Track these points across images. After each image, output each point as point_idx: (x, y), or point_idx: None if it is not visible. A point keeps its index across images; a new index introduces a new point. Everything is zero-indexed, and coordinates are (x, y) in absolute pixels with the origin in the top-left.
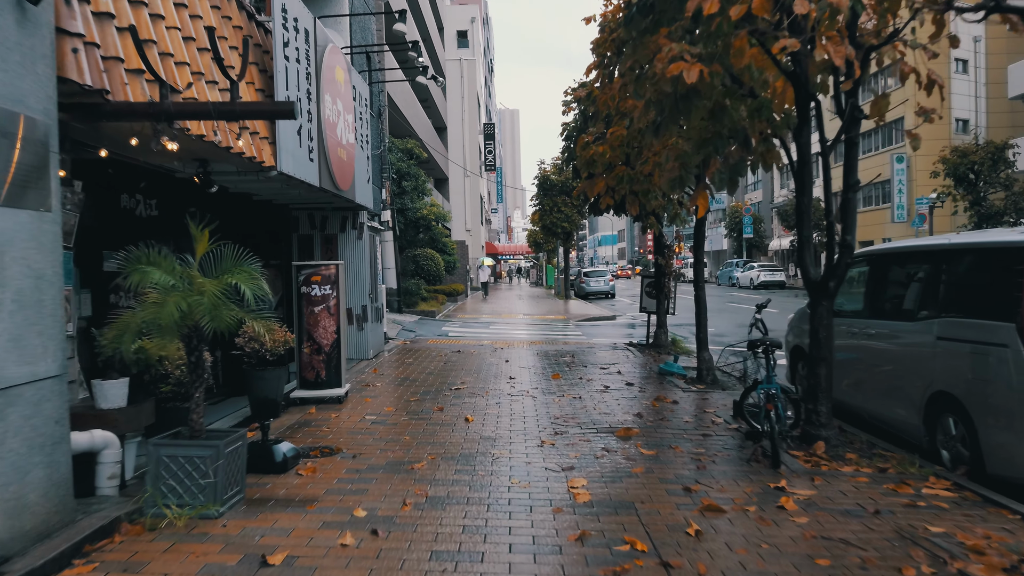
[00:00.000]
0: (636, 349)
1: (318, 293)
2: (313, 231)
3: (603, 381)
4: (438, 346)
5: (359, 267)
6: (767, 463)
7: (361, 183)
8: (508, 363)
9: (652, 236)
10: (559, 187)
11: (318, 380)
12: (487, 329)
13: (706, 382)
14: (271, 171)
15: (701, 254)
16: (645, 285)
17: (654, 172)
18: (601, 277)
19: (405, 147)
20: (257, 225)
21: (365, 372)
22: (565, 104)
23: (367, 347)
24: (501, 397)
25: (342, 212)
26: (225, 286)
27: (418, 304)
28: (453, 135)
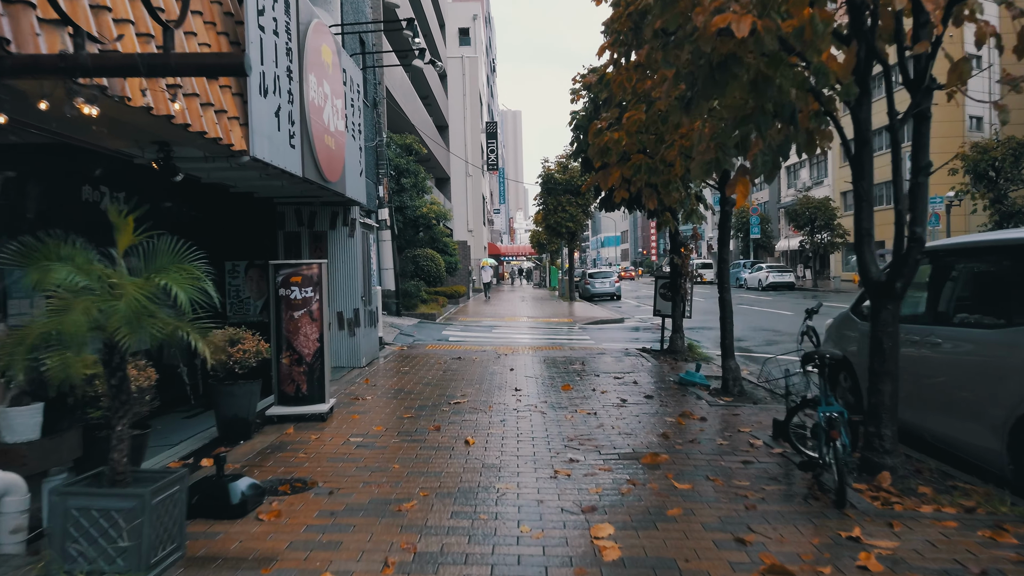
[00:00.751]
0: (650, 355)
1: (298, 296)
2: (300, 228)
3: (619, 393)
4: (437, 352)
5: (351, 267)
6: (828, 501)
7: (352, 176)
8: (513, 372)
9: (660, 235)
10: (563, 186)
11: (299, 395)
12: (490, 333)
13: (732, 394)
14: (242, 157)
15: (727, 252)
16: (659, 287)
17: (676, 161)
18: (607, 278)
19: (404, 142)
20: (239, 221)
21: (356, 382)
22: (573, 92)
23: (359, 354)
24: (506, 413)
25: (332, 207)
26: (154, 288)
27: (417, 306)
28: (455, 134)
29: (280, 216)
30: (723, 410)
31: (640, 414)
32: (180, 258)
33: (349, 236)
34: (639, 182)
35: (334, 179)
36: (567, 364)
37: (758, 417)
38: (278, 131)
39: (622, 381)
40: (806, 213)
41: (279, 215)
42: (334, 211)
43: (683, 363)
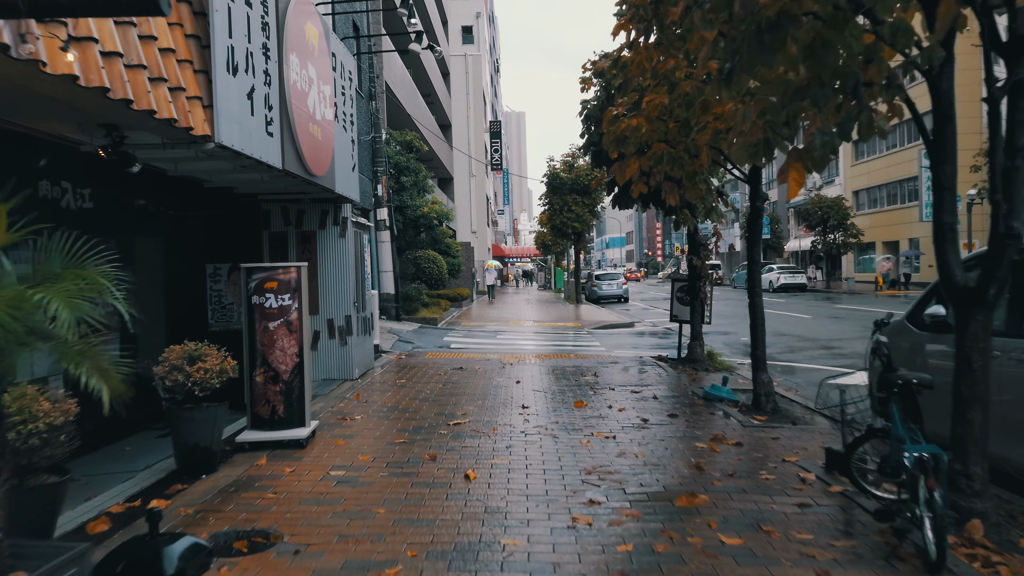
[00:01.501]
0: (668, 364)
1: (274, 304)
2: (287, 227)
3: (638, 410)
4: (438, 361)
5: (342, 270)
6: (917, 564)
7: (343, 170)
8: (519, 385)
9: (668, 235)
10: (569, 185)
11: (274, 418)
12: (494, 339)
13: (766, 411)
14: (206, 143)
15: (758, 253)
16: (676, 290)
17: (702, 151)
18: (614, 280)
19: (404, 139)
20: (220, 220)
21: (346, 398)
22: (583, 81)
23: (351, 365)
24: (513, 436)
25: (321, 205)
26: (24, 304)
27: (418, 311)
28: (458, 133)
29: (265, 215)
30: (759, 432)
31: (665, 437)
32: (78, 262)
33: (340, 236)
34: (659, 175)
35: (321, 173)
36: (578, 375)
37: (801, 442)
38: (251, 115)
39: (640, 396)
40: (818, 213)
41: (264, 213)
42: (324, 209)
43: (703, 373)
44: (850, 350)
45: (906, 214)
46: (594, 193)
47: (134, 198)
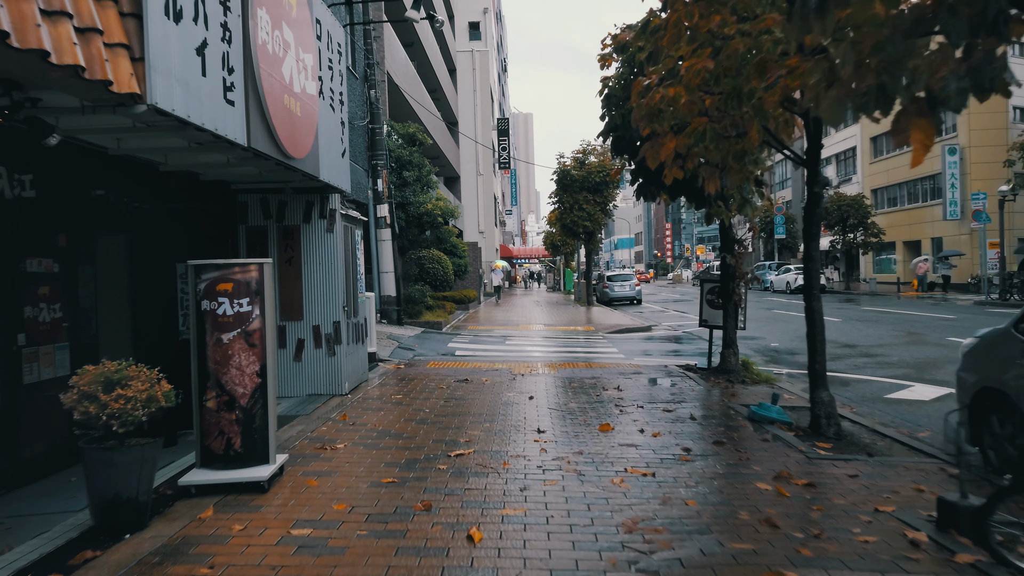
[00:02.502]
0: (698, 375)
1: (228, 311)
2: (267, 221)
3: (676, 435)
4: (441, 372)
5: (330, 270)
6: None
7: (330, 155)
8: (533, 401)
9: (675, 235)
10: (580, 182)
11: (229, 453)
12: (502, 346)
13: (827, 436)
14: (136, 106)
15: (816, 249)
16: (706, 292)
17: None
18: (626, 281)
19: (406, 131)
20: (191, 214)
21: (330, 419)
22: (603, 58)
23: (340, 379)
24: (528, 473)
25: (306, 195)
26: None
27: (422, 314)
28: (465, 131)
29: (242, 207)
30: (830, 467)
31: (716, 475)
32: None
33: (328, 231)
34: (699, 156)
35: (299, 155)
36: (599, 389)
37: (888, 481)
38: (203, 76)
39: (674, 416)
40: (837, 211)
41: (240, 206)
42: (308, 200)
43: (740, 386)
44: (896, 358)
45: (927, 213)
46: (606, 190)
47: (89, 187)
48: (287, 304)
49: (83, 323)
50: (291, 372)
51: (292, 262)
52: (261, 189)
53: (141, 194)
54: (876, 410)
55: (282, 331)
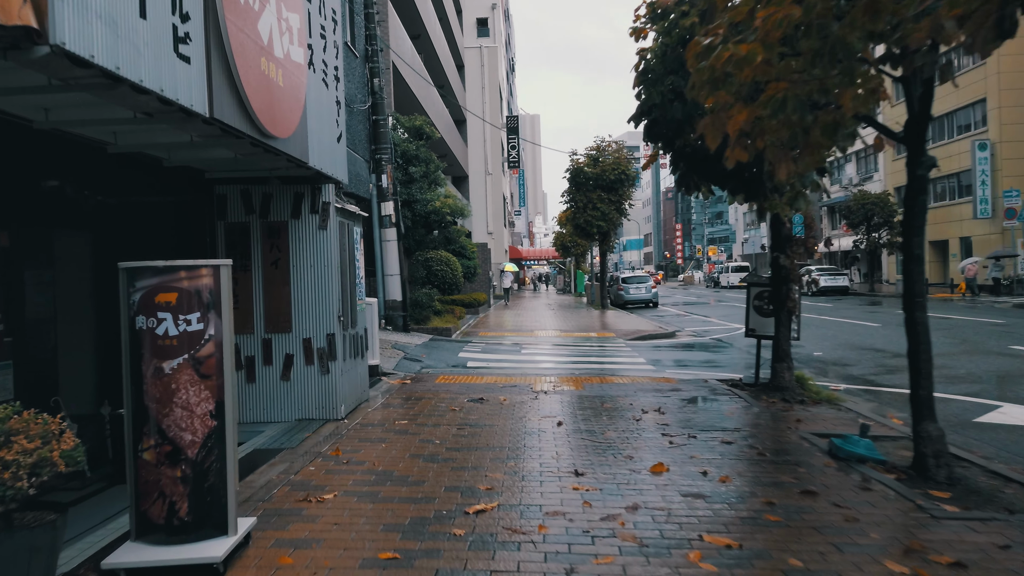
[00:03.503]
0: (746, 393)
1: (172, 332)
2: (249, 216)
3: (750, 481)
4: (451, 388)
5: (323, 273)
6: None
7: (322, 138)
8: (562, 428)
9: (686, 236)
10: (594, 180)
11: (174, 523)
12: (518, 356)
13: (938, 480)
14: (36, 48)
15: (920, 246)
16: (753, 297)
17: (845, 94)
18: (642, 284)
19: (412, 124)
20: (164, 210)
21: (319, 455)
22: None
23: (335, 401)
24: (572, 543)
25: (295, 186)
26: None
27: (429, 319)
28: (473, 129)
29: (220, 201)
30: (970, 533)
31: (826, 548)
32: None
33: (320, 228)
34: (772, 132)
35: (282, 133)
36: (636, 411)
37: None
38: (142, 18)
39: (737, 450)
40: (861, 210)
41: (219, 199)
42: (297, 192)
43: (799, 407)
44: (963, 370)
45: (956, 211)
46: (621, 189)
47: (40, 177)
48: (273, 314)
49: (36, 337)
50: (278, 394)
51: (279, 264)
52: (242, 179)
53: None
54: (971, 439)
55: (267, 345)
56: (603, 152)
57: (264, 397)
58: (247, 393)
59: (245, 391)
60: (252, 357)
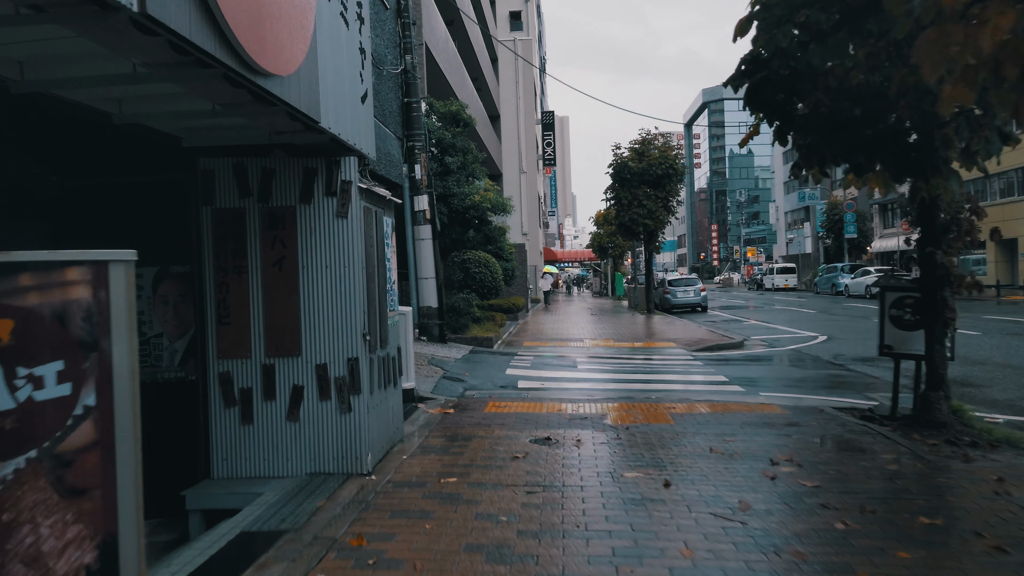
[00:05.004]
0: (891, 429)
1: (4, 401)
2: (244, 200)
3: None
4: (506, 421)
5: (342, 275)
6: None
7: (340, 91)
8: (676, 491)
9: (721, 237)
10: (639, 176)
11: None
12: (574, 372)
13: None
14: None
15: None
16: (890, 305)
17: None
18: (690, 286)
19: (448, 110)
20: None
21: (334, 545)
22: None
23: (359, 449)
24: None
25: (305, 160)
26: None
27: (468, 328)
28: (507, 125)
29: (205, 179)
30: None
31: None
32: None
33: (339, 216)
34: None
35: (277, 67)
36: (762, 460)
37: None
38: None
39: (960, 543)
40: None
41: (203, 177)
42: (308, 168)
43: (974, 452)
44: None
45: None
46: (668, 184)
47: None
48: (277, 332)
49: None
50: (283, 439)
51: (283, 265)
52: (233, 148)
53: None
54: None
55: (269, 374)
56: (648, 145)
57: (265, 444)
58: (242, 438)
59: (239, 436)
60: (249, 390)
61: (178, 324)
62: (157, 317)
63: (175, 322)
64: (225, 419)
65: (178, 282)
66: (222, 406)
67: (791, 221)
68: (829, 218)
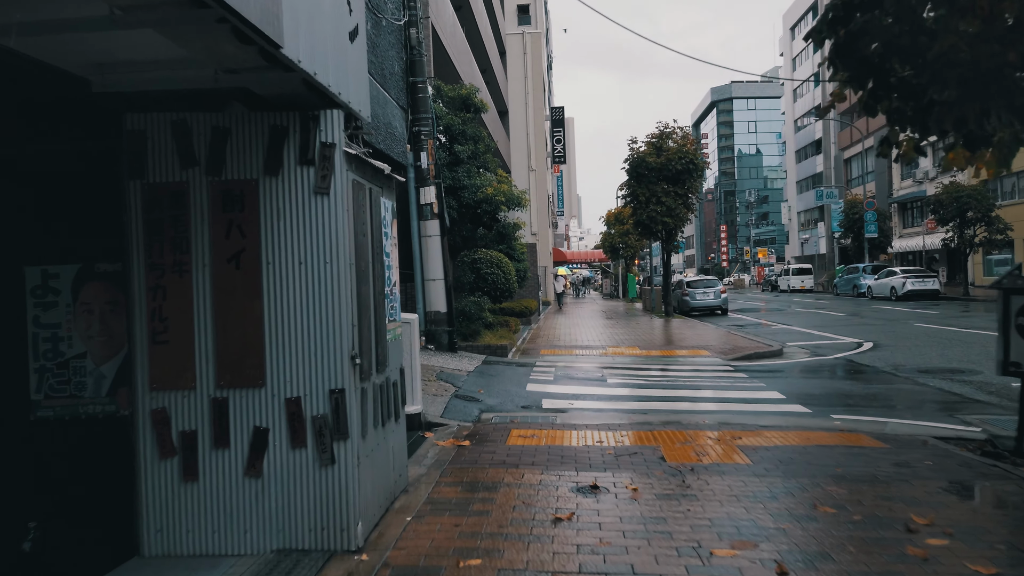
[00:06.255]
0: (1017, 467)
1: None
2: (187, 172)
3: None
4: (536, 457)
5: (322, 275)
6: None
7: (320, 21)
8: None
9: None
10: (657, 172)
11: None
12: (605, 388)
13: None
14: None
15: None
16: (1016, 312)
17: None
18: (710, 288)
19: (458, 93)
20: (49, 162)
21: None
22: None
23: (346, 516)
24: None
25: (271, 117)
26: None
27: (480, 334)
28: (516, 121)
29: (135, 142)
30: None
31: None
32: None
33: (318, 192)
34: None
35: None
36: (894, 522)
37: None
38: None
39: None
40: (955, 204)
41: (131, 140)
42: (276, 126)
43: None
44: None
45: None
46: (689, 180)
47: None
48: (232, 353)
49: None
50: (240, 501)
51: (242, 261)
52: (172, 100)
53: None
54: None
55: (220, 411)
56: (666, 139)
57: (215, 509)
58: (184, 501)
59: (180, 497)
60: (192, 433)
61: (107, 341)
62: (79, 331)
63: (103, 338)
64: (160, 474)
65: (107, 285)
66: (155, 456)
67: (804, 221)
68: (848, 217)
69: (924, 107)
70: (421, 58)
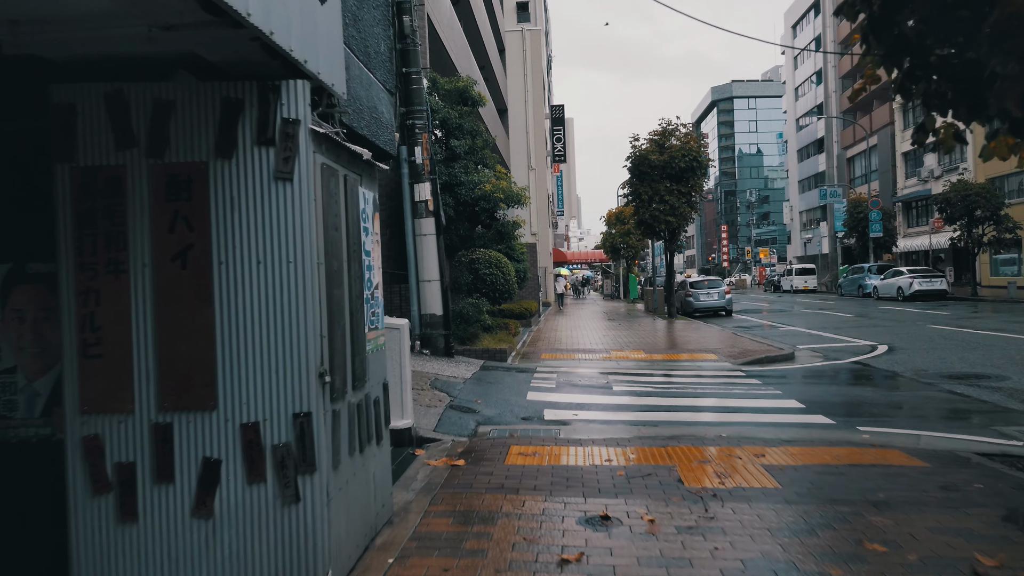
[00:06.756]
0: None
1: None
2: (126, 152)
3: None
4: (538, 479)
5: (285, 275)
6: None
7: None
8: None
9: None
10: (660, 170)
11: None
12: (611, 397)
13: None
14: None
15: None
16: None
17: None
18: (714, 288)
19: (454, 86)
20: None
21: None
22: None
23: (315, 563)
24: None
25: (223, 88)
26: None
27: (478, 338)
28: (515, 120)
29: (63, 118)
30: None
31: None
32: None
33: (279, 177)
34: None
35: None
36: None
37: None
38: None
39: None
40: (962, 202)
41: (59, 114)
42: (229, 99)
43: None
44: None
45: None
46: (692, 179)
47: None
48: (176, 369)
49: None
50: (187, 545)
51: (188, 260)
52: (106, 67)
53: None
54: None
55: (163, 438)
56: (668, 136)
57: (157, 553)
58: (120, 546)
59: (115, 541)
60: (130, 465)
61: (40, 353)
62: (7, 342)
63: (36, 350)
64: (93, 513)
65: (41, 288)
66: (88, 492)
67: (806, 221)
68: (852, 216)
69: (984, 82)
70: (415, 47)
